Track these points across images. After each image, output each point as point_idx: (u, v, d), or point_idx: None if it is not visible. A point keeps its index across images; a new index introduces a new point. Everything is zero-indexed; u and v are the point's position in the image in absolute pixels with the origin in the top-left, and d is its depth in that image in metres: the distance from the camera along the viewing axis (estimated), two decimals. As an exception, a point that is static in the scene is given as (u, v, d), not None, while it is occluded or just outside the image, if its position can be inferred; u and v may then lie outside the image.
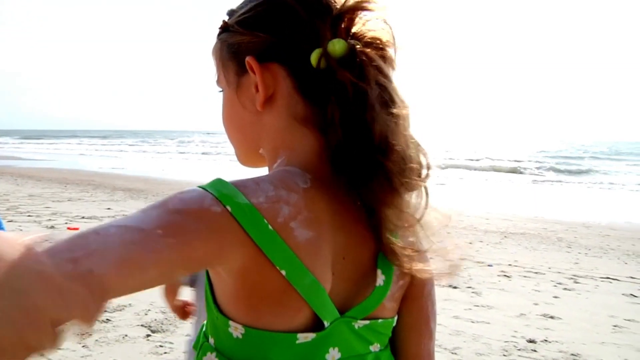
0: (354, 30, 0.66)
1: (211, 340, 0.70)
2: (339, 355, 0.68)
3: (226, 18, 0.75)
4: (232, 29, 0.73)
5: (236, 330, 0.65)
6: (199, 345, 0.72)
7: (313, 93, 0.68)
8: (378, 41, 0.67)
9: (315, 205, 0.65)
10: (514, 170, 22.17)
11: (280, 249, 0.61)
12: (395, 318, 0.77)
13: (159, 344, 3.54)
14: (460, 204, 11.14)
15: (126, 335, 3.73)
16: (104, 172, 17.54)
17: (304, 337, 0.65)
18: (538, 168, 22.90)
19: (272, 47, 0.68)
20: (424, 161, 0.67)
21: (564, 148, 38.81)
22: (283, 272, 0.61)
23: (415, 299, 0.78)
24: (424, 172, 0.67)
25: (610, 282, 5.79)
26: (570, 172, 22.08)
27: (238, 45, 0.72)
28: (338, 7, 0.66)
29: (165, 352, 3.42)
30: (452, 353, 3.66)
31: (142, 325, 3.89)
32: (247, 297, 0.64)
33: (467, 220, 9.34)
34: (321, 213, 0.66)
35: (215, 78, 0.78)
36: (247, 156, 0.79)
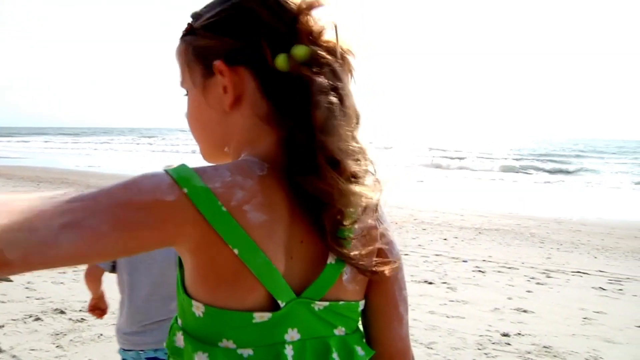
0: (314, 35, 0.70)
1: (179, 321, 0.73)
2: (298, 336, 0.70)
3: (190, 20, 0.78)
4: (199, 32, 0.75)
5: (198, 309, 0.69)
6: (170, 327, 0.75)
7: (275, 94, 0.71)
8: (337, 48, 0.71)
9: (270, 191, 0.68)
10: (508, 169, 22.46)
11: (232, 228, 0.65)
12: (362, 302, 0.79)
13: (135, 342, 3.51)
14: (435, 201, 11.28)
15: (101, 335, 3.70)
16: (79, 170, 17.26)
17: (260, 317, 0.68)
18: (523, 166, 23.27)
19: (238, 51, 0.72)
20: (366, 164, 0.72)
21: (538, 147, 39.43)
22: (235, 251, 0.65)
23: (381, 283, 0.79)
24: (369, 169, 0.72)
25: (581, 276, 5.94)
26: (552, 170, 22.44)
27: (204, 49, 0.75)
28: (295, 10, 0.70)
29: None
30: (428, 347, 3.72)
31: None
32: (205, 276, 0.68)
33: (442, 216, 9.46)
34: (276, 198, 0.69)
35: (180, 80, 0.81)
36: (212, 153, 0.82)
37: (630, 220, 9.89)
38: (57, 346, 3.50)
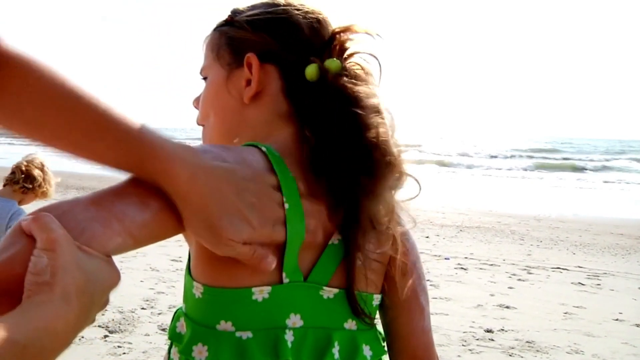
0: (345, 55, 0.75)
1: (183, 306, 0.72)
2: (301, 322, 0.68)
3: (230, 14, 0.81)
4: (238, 24, 0.79)
5: (197, 290, 0.68)
6: (174, 314, 0.75)
7: (298, 97, 0.74)
8: (365, 73, 0.75)
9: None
10: (488, 166, 22.70)
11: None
12: (377, 296, 0.77)
13: (117, 344, 3.46)
14: (416, 199, 11.33)
15: (82, 337, 3.62)
16: (55, 170, 16.93)
17: (259, 291, 0.66)
18: (503, 164, 23.53)
19: (274, 51, 0.75)
20: (403, 159, 0.74)
21: (520, 145, 39.94)
22: (287, 205, 0.66)
23: (400, 273, 0.77)
24: (403, 168, 0.74)
25: (561, 272, 6.03)
26: (530, 167, 22.73)
27: (240, 40, 0.78)
28: (333, 31, 0.76)
29: (124, 353, 3.34)
30: (413, 344, 3.73)
31: (99, 326, 3.78)
32: (209, 255, 0.64)
33: (423, 215, 9.53)
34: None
35: (202, 65, 0.84)
36: (218, 142, 0.82)
37: (606, 217, 10.08)
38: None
